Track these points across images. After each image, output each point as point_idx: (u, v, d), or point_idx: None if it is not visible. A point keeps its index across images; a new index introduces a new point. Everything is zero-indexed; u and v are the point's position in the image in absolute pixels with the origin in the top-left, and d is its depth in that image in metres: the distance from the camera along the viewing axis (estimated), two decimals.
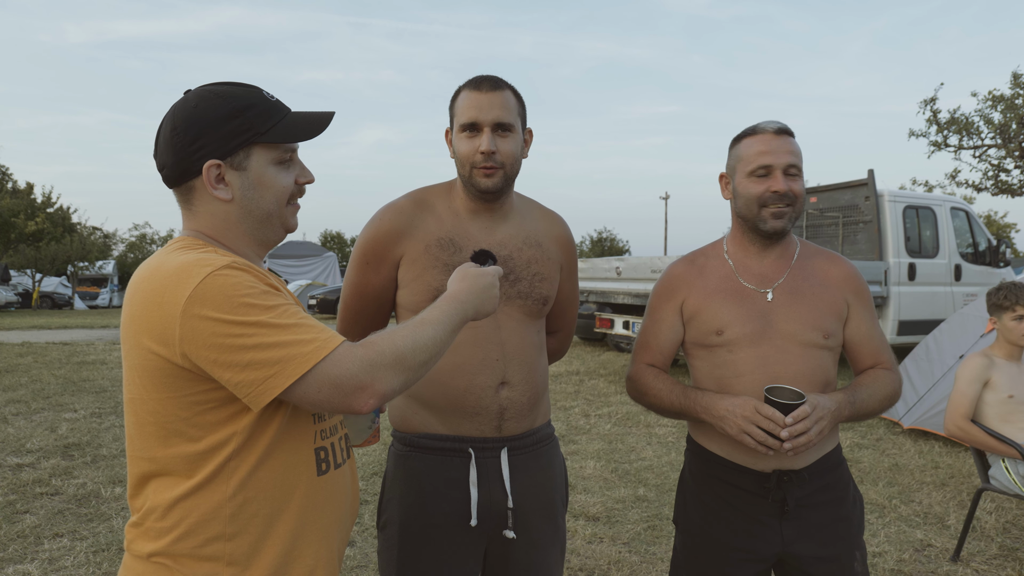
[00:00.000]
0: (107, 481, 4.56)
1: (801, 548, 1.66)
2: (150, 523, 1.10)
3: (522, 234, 1.70)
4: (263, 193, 1.18)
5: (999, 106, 16.66)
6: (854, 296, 1.74)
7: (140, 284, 1.08)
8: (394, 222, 1.64)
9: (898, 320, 8.59)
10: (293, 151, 1.21)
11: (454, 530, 1.60)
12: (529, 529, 1.66)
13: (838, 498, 1.70)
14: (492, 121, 1.57)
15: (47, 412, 6.62)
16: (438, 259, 1.61)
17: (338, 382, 1.03)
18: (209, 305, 1.01)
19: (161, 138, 1.17)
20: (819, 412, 1.53)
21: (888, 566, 3.40)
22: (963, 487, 4.65)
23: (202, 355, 1.02)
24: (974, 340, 5.74)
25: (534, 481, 1.68)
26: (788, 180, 1.64)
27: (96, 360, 10.14)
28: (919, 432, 6.04)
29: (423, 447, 1.64)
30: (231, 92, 1.16)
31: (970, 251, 9.56)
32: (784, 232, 1.68)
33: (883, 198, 8.70)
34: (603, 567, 3.37)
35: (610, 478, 4.75)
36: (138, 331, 1.07)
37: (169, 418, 1.07)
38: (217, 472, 1.08)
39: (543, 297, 1.70)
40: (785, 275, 1.72)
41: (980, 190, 17.96)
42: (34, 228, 25.02)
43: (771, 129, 1.67)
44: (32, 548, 3.50)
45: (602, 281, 9.69)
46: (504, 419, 1.63)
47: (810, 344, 1.66)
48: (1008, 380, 3.29)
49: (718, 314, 1.70)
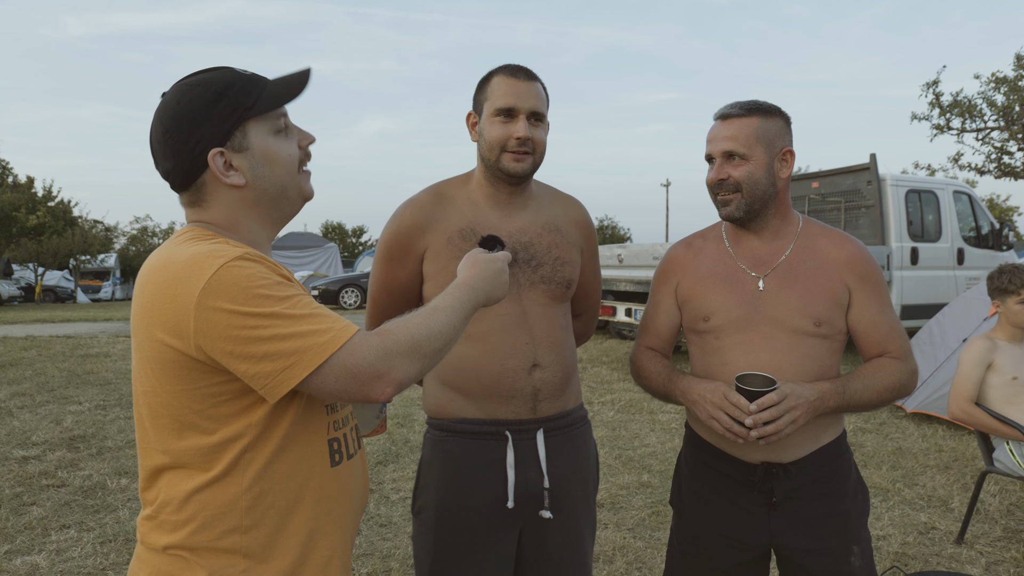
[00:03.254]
0: (113, 473, 4.58)
1: (790, 540, 1.63)
2: (165, 516, 1.09)
3: (541, 220, 1.72)
4: (273, 167, 1.17)
5: (1002, 88, 16.56)
6: (857, 280, 1.64)
7: (151, 276, 1.07)
8: (415, 216, 1.67)
9: (901, 304, 8.58)
10: (285, 116, 1.19)
11: (491, 513, 1.62)
12: (564, 510, 1.68)
13: (834, 491, 1.65)
14: (529, 109, 1.61)
15: (52, 405, 6.64)
16: (461, 250, 1.63)
17: (355, 371, 1.02)
18: (224, 296, 1.00)
19: (157, 145, 1.15)
20: (791, 401, 1.48)
21: (892, 549, 3.41)
22: (967, 470, 4.66)
23: (217, 347, 1.01)
24: (977, 323, 5.73)
25: (569, 462, 1.70)
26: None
27: (100, 353, 10.17)
28: (922, 416, 6.04)
29: (460, 431, 1.65)
30: (207, 78, 1.14)
31: (973, 235, 9.53)
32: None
33: (885, 182, 8.67)
34: (608, 553, 3.39)
35: (614, 464, 4.76)
36: (150, 323, 1.06)
37: (183, 411, 1.07)
38: (233, 464, 1.08)
39: (566, 280, 1.72)
40: (783, 257, 1.66)
41: (983, 173, 17.88)
42: (35, 222, 25.04)
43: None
44: (39, 540, 3.52)
45: (604, 269, 9.67)
46: (539, 400, 1.65)
47: (799, 332, 1.61)
48: (1012, 362, 3.28)
49: (706, 299, 1.68)
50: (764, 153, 1.61)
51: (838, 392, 1.56)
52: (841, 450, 1.69)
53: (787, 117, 1.66)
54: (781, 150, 1.63)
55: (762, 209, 1.64)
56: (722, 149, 1.62)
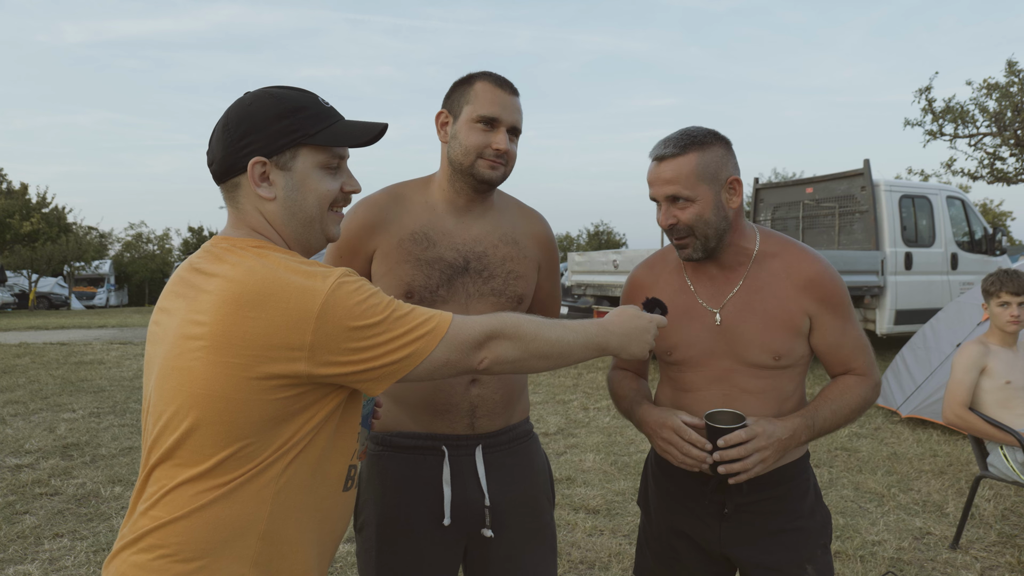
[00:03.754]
0: (106, 481, 4.55)
1: (739, 552, 1.62)
2: (178, 517, 1.08)
3: (499, 231, 1.68)
4: (306, 195, 1.20)
5: (994, 94, 16.65)
6: (817, 304, 1.58)
7: (244, 289, 1.07)
8: (367, 216, 1.63)
9: (895, 309, 8.61)
10: (342, 158, 1.23)
11: (430, 530, 1.59)
12: (509, 527, 1.64)
13: (789, 509, 1.62)
14: (511, 123, 1.60)
15: (45, 412, 6.60)
16: (410, 253, 1.60)
17: (460, 344, 1.16)
18: (341, 312, 1.08)
19: (214, 134, 1.21)
20: (761, 441, 1.47)
21: (887, 554, 3.42)
22: (961, 475, 4.66)
23: (332, 359, 1.08)
24: (971, 328, 5.75)
25: (513, 478, 1.66)
26: None
27: (94, 360, 10.12)
28: (917, 421, 6.05)
29: (396, 446, 1.63)
30: (285, 94, 1.20)
31: (966, 240, 9.58)
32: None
33: (879, 188, 8.71)
34: (603, 559, 3.38)
35: (609, 471, 4.76)
36: (246, 335, 1.05)
37: (242, 420, 1.07)
38: (266, 476, 1.10)
39: (517, 295, 1.68)
40: (738, 286, 1.61)
41: (976, 178, 17.96)
42: (29, 229, 24.93)
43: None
44: (32, 548, 3.49)
45: (599, 274, 9.69)
46: (476, 416, 1.62)
47: (759, 366, 1.59)
48: (1004, 366, 3.30)
49: (668, 334, 1.65)
50: (709, 190, 1.54)
51: (808, 426, 1.54)
52: (800, 470, 1.66)
53: (726, 141, 1.58)
54: (726, 180, 1.56)
55: (719, 244, 1.59)
56: (665, 194, 1.55)
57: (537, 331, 1.23)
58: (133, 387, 7.91)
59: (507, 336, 1.20)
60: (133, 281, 43.06)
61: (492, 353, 1.19)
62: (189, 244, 42.13)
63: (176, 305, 1.14)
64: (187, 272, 1.17)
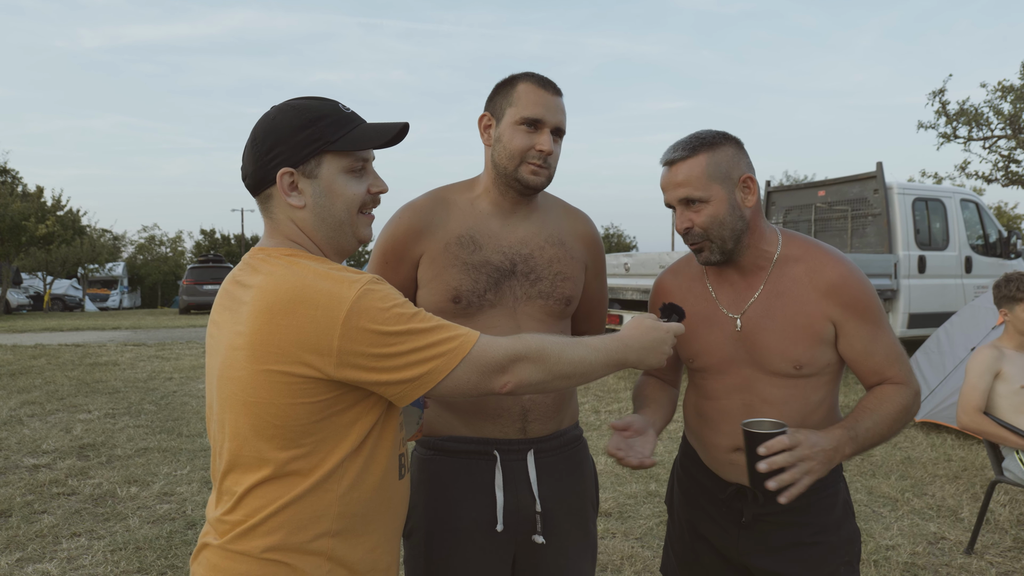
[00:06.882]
0: (123, 481, 4.60)
1: (757, 561, 1.60)
2: (257, 521, 1.14)
3: (544, 232, 1.66)
4: (334, 200, 1.24)
5: (1009, 96, 16.55)
6: (841, 311, 1.51)
7: (278, 296, 1.12)
8: (413, 220, 1.61)
9: (908, 313, 8.55)
10: (366, 160, 1.26)
11: (481, 536, 1.56)
12: (559, 534, 1.61)
13: (812, 522, 1.58)
14: (555, 124, 1.59)
15: (61, 413, 6.67)
16: (457, 257, 1.58)
17: (484, 367, 1.17)
18: (366, 317, 1.10)
19: (245, 150, 1.26)
20: (805, 449, 1.36)
21: (902, 559, 3.40)
22: (976, 480, 4.64)
23: (359, 363, 1.11)
24: (985, 332, 5.72)
25: (563, 484, 1.64)
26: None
27: (109, 361, 10.21)
28: (931, 425, 6.02)
29: (447, 450, 1.61)
30: (307, 105, 1.24)
31: (980, 243, 9.50)
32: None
33: (892, 191, 8.66)
34: (616, 562, 3.39)
35: (621, 474, 4.76)
36: (282, 341, 1.11)
37: (297, 423, 1.13)
38: (330, 474, 1.16)
39: (565, 297, 1.65)
40: (759, 291, 1.58)
41: (990, 181, 17.85)
42: (44, 231, 25.14)
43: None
44: (51, 548, 3.54)
45: (610, 277, 9.68)
46: (528, 420, 1.59)
47: (780, 374, 1.54)
48: (1019, 371, 3.28)
49: (690, 342, 1.64)
50: (722, 189, 1.52)
51: (851, 438, 1.45)
52: (825, 484, 1.59)
53: (737, 141, 1.56)
54: (740, 179, 1.53)
55: (737, 245, 1.56)
56: (678, 197, 1.54)
57: (560, 353, 1.23)
58: (147, 388, 7.98)
59: (531, 359, 1.20)
60: (146, 283, 43.40)
61: (515, 377, 1.20)
62: (201, 247, 42.39)
63: (223, 318, 1.21)
64: (230, 285, 1.23)
